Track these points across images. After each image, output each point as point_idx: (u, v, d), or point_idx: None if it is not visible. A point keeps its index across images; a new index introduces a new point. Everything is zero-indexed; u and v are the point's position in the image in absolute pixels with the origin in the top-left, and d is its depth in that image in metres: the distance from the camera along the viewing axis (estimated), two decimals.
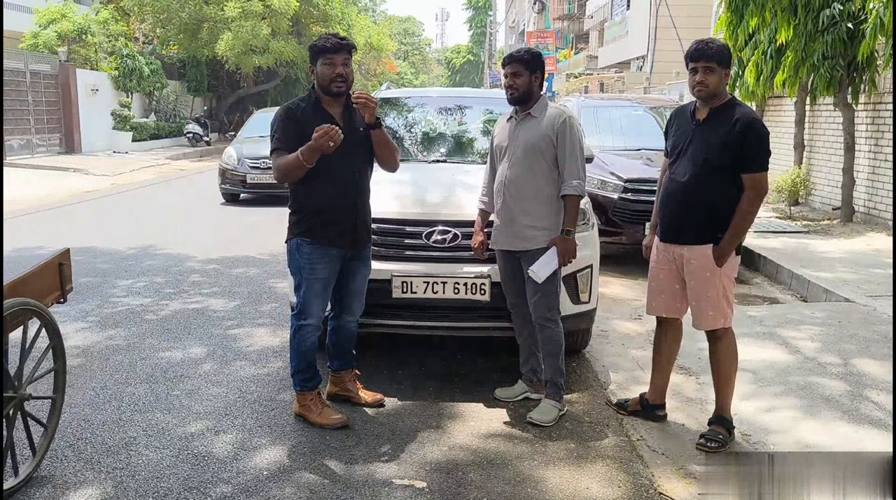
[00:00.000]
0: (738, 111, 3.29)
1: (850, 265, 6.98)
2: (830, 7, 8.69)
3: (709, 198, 3.31)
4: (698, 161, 3.31)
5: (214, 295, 6.15)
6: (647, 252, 3.69)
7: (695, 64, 3.29)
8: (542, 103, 3.76)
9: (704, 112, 3.36)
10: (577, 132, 3.68)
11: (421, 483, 3.13)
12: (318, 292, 3.59)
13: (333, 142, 3.29)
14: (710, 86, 3.26)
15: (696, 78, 3.28)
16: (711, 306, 3.37)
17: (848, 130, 9.48)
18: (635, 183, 7.24)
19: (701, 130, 3.35)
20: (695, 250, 3.35)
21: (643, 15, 25.19)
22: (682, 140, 3.41)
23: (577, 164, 3.64)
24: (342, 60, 3.49)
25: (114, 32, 23.90)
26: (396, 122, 5.77)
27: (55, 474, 3.17)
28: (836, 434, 3.54)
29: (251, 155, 11.98)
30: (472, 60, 68.99)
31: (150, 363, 4.52)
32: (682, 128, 3.47)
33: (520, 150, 3.70)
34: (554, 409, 3.73)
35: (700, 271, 3.35)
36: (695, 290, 3.39)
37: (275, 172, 3.54)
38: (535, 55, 3.80)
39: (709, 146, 3.28)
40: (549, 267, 3.61)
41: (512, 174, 3.71)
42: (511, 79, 3.71)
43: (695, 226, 3.35)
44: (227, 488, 3.07)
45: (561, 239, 3.63)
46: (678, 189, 3.38)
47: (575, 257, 3.71)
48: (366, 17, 36.75)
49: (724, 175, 3.28)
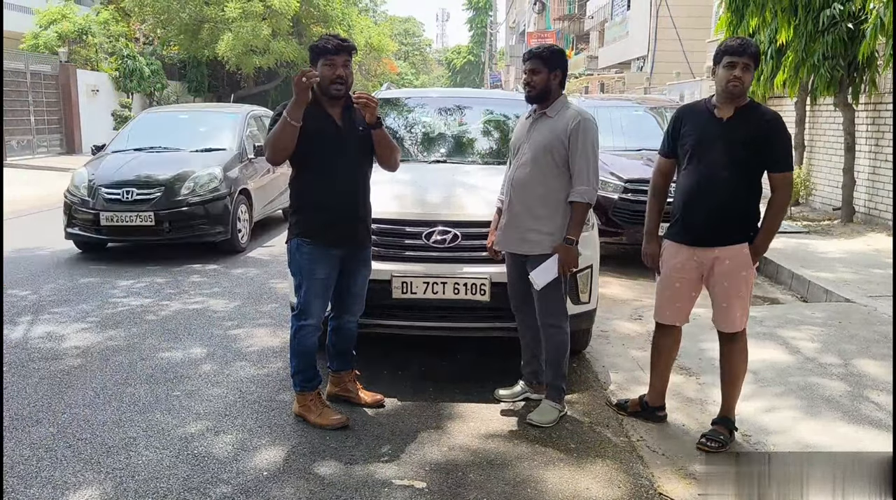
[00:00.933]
0: (763, 111, 3.27)
1: (850, 266, 6.98)
2: (831, 7, 8.69)
3: (742, 197, 3.26)
4: (730, 160, 3.21)
5: (215, 295, 6.15)
6: (652, 260, 3.55)
7: (736, 59, 3.17)
8: (560, 103, 3.63)
9: (729, 111, 3.25)
10: (590, 135, 3.52)
11: (420, 484, 3.12)
12: (318, 292, 3.59)
13: (307, 79, 3.31)
14: (746, 83, 3.19)
15: (734, 73, 3.16)
16: (741, 307, 3.33)
17: (848, 131, 9.47)
18: (635, 183, 7.23)
19: (727, 128, 3.25)
20: (728, 250, 3.28)
21: (643, 15, 25.18)
22: (706, 138, 3.28)
23: (588, 169, 3.50)
24: (342, 62, 3.49)
25: (114, 33, 23.92)
26: (397, 122, 5.77)
27: (55, 474, 3.16)
28: (836, 435, 3.54)
29: (109, 180, 7.48)
30: (472, 61, 69.00)
31: (151, 364, 4.52)
32: (701, 126, 3.31)
33: (530, 150, 3.60)
34: (554, 410, 3.73)
35: (735, 271, 3.29)
36: (728, 291, 3.31)
37: (266, 149, 3.52)
38: (555, 52, 3.64)
39: (740, 145, 3.21)
40: (549, 275, 3.54)
41: (520, 174, 3.63)
42: (529, 76, 3.61)
43: (731, 226, 3.28)
44: (226, 488, 3.07)
45: (562, 247, 3.54)
46: (708, 190, 3.25)
47: (576, 266, 3.62)
48: (366, 18, 36.78)
49: (753, 174, 3.24)
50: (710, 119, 3.30)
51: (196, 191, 7.51)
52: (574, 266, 3.59)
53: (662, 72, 22.91)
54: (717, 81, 3.25)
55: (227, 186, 7.75)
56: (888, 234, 8.48)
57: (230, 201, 7.72)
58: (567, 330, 3.71)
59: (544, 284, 3.55)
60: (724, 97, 3.26)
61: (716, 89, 3.30)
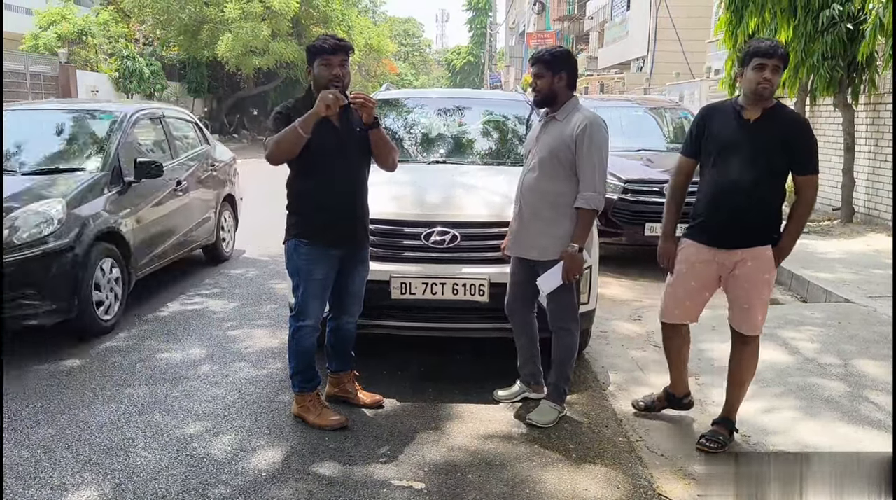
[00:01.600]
0: (791, 114, 3.27)
1: (849, 266, 6.97)
2: (830, 7, 8.69)
3: (768, 198, 3.25)
4: (756, 162, 3.20)
5: (214, 296, 6.14)
6: (666, 260, 3.53)
7: (766, 61, 3.14)
8: (570, 106, 3.58)
9: (756, 112, 3.22)
10: (597, 140, 3.47)
11: (419, 484, 3.12)
12: (316, 293, 3.58)
13: (336, 101, 3.29)
14: (775, 85, 3.18)
15: (763, 75, 3.14)
16: (761, 309, 3.32)
17: (848, 131, 9.48)
18: (635, 184, 7.24)
19: (755, 129, 3.22)
20: (751, 252, 3.26)
21: (643, 16, 25.19)
22: (733, 140, 3.25)
23: (595, 174, 3.45)
24: (339, 61, 3.48)
25: (114, 34, 23.95)
26: (396, 122, 5.76)
27: (53, 475, 3.16)
28: (835, 435, 3.54)
29: None
30: (472, 61, 69.05)
31: (149, 365, 4.52)
32: (727, 127, 3.27)
33: (539, 154, 3.58)
34: (553, 410, 3.73)
35: (757, 273, 3.27)
36: (749, 293, 3.29)
37: (266, 151, 3.48)
38: (557, 55, 3.60)
39: (768, 147, 3.19)
40: (555, 281, 3.52)
41: (530, 179, 3.61)
42: (535, 80, 3.59)
43: (755, 228, 3.27)
44: (225, 489, 3.07)
45: (568, 254, 3.50)
46: (734, 191, 3.23)
47: (581, 274, 3.60)
48: (366, 19, 36.81)
49: (778, 176, 3.24)
50: (738, 120, 3.27)
51: (13, 241, 4.49)
52: (579, 273, 3.56)
53: (662, 72, 22.92)
54: (746, 83, 3.21)
55: (72, 230, 4.76)
56: (888, 234, 8.48)
57: (78, 256, 4.75)
58: (576, 333, 3.69)
59: (550, 290, 3.55)
60: (753, 99, 3.22)
61: (743, 90, 3.27)
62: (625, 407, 3.90)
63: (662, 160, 7.68)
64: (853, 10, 8.62)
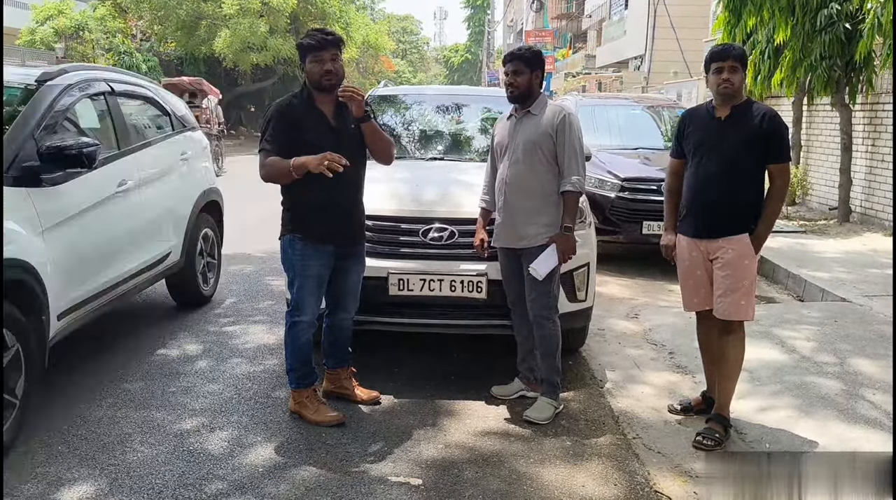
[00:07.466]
0: (759, 108, 3.44)
1: (846, 265, 6.99)
2: (828, 7, 8.69)
3: (741, 189, 3.42)
4: (728, 156, 3.40)
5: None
6: (669, 252, 3.70)
7: (721, 63, 3.39)
8: (542, 101, 3.77)
9: (726, 110, 3.44)
10: (576, 129, 3.69)
11: (416, 481, 3.12)
12: (311, 288, 3.58)
13: (330, 165, 3.33)
14: (736, 83, 3.40)
15: (722, 76, 3.39)
16: (744, 295, 3.42)
17: (845, 130, 9.49)
18: (632, 182, 7.24)
19: (725, 126, 3.43)
20: (732, 240, 3.41)
21: (641, 15, 25.20)
22: (707, 138, 3.48)
23: (577, 160, 3.66)
24: (330, 56, 3.47)
25: (111, 29, 23.88)
26: (393, 119, 5.75)
27: (49, 470, 3.16)
28: (831, 434, 3.54)
29: None
30: (470, 59, 68.96)
31: (146, 360, 4.51)
32: (702, 127, 3.52)
33: (520, 148, 3.70)
34: (550, 407, 3.73)
35: (738, 260, 3.41)
36: (730, 279, 3.42)
37: (261, 169, 3.52)
38: (536, 53, 3.81)
39: (738, 141, 3.39)
40: (549, 264, 3.61)
41: (512, 172, 3.71)
42: (511, 77, 3.71)
43: (731, 218, 3.43)
44: (221, 484, 3.06)
45: (560, 236, 3.63)
46: (709, 185, 3.43)
47: (575, 253, 3.71)
48: (364, 16, 36.70)
49: (752, 167, 3.41)
50: (710, 119, 3.50)
51: None
52: (573, 253, 3.68)
53: (660, 71, 22.94)
54: (711, 86, 3.48)
55: None
56: (885, 234, 8.49)
57: None
58: (557, 322, 3.76)
59: (545, 273, 3.60)
60: (720, 99, 3.47)
61: (712, 93, 3.50)
62: (621, 404, 3.91)
63: (660, 159, 7.66)
64: (851, 10, 8.62)
